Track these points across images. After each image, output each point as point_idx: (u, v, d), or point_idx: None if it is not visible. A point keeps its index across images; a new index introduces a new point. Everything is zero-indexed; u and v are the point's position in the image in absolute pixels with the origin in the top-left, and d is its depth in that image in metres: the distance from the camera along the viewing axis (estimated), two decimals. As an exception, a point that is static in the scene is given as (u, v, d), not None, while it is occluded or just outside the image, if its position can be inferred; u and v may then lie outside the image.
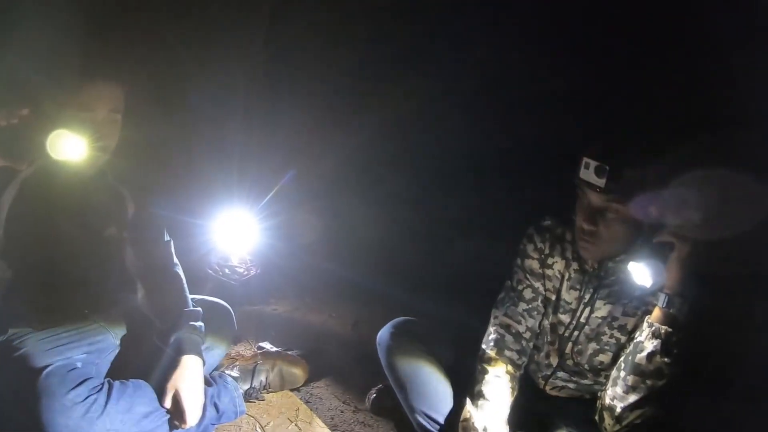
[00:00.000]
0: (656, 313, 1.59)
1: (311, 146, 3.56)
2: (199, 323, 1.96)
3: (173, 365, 1.83)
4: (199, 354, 1.89)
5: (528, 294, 1.93)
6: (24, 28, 1.93)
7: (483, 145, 3.49)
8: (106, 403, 1.68)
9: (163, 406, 1.78)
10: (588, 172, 1.61)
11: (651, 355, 1.56)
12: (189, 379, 1.82)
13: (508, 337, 1.89)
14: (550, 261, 1.90)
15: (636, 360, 1.59)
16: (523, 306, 1.92)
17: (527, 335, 1.91)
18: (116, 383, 1.75)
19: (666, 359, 1.55)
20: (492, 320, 1.96)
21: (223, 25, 3.32)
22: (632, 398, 1.59)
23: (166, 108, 3.20)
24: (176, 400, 1.78)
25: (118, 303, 2.05)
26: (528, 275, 1.94)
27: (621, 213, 1.63)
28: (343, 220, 3.56)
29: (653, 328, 1.58)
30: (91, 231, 1.90)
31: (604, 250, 1.72)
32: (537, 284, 1.93)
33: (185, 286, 2.07)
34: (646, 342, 1.58)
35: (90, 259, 1.92)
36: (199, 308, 2.01)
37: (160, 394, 1.78)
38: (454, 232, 3.66)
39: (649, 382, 1.57)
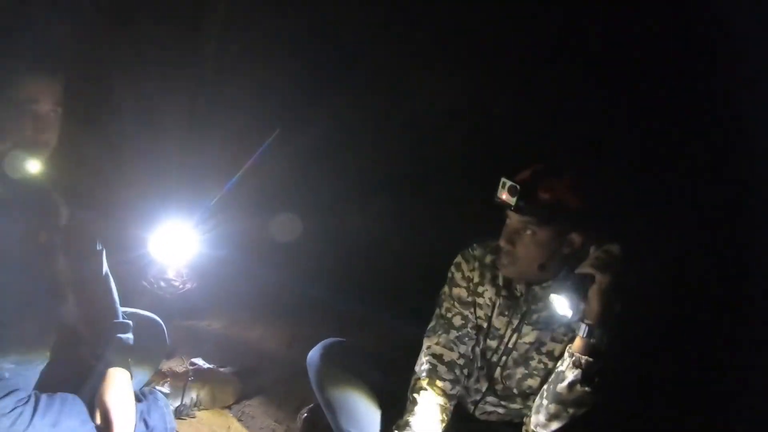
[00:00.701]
0: (577, 342, 1.63)
1: (250, 154, 3.53)
2: (128, 335, 1.92)
3: (100, 379, 1.79)
4: (127, 367, 1.86)
5: (458, 321, 1.94)
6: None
7: (456, 149, 3.56)
8: (33, 416, 1.63)
9: (93, 421, 1.74)
10: (503, 190, 1.68)
11: (572, 384, 1.60)
12: (117, 392, 1.78)
13: (441, 367, 1.88)
14: (480, 290, 1.92)
15: (557, 389, 1.63)
16: (454, 333, 1.92)
17: (461, 362, 1.90)
18: (43, 396, 1.70)
19: (587, 388, 1.59)
20: (424, 349, 1.95)
21: (164, 27, 3.30)
22: (554, 426, 1.64)
23: (104, 114, 3.16)
24: (105, 414, 1.75)
25: (47, 312, 2.00)
26: (456, 303, 1.95)
27: (538, 236, 1.69)
28: (282, 228, 3.54)
29: (574, 357, 1.62)
30: (23, 236, 1.85)
31: (521, 270, 1.77)
32: (466, 312, 1.94)
33: (116, 297, 2.02)
34: (567, 371, 1.62)
35: (20, 264, 1.87)
36: (129, 321, 1.97)
37: (90, 409, 1.75)
38: (392, 240, 3.69)
39: (570, 410, 1.61)
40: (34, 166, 1.60)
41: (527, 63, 3.29)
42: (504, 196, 1.67)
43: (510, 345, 1.87)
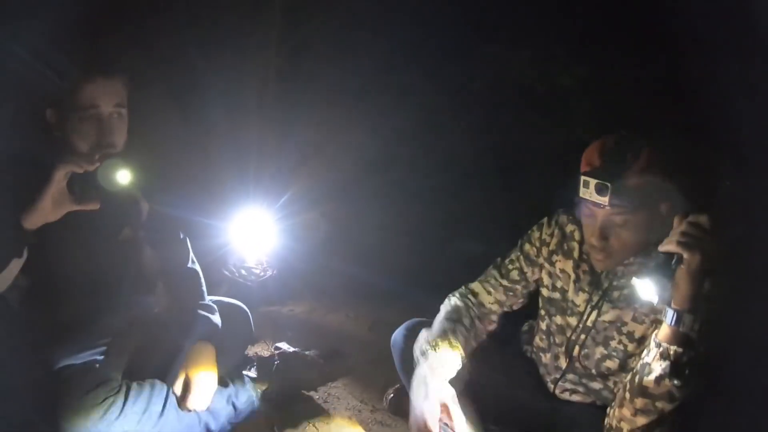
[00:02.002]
0: (664, 330, 1.45)
1: (327, 146, 3.55)
2: (214, 316, 1.96)
3: (185, 353, 1.85)
4: (211, 342, 1.90)
5: (515, 275, 1.92)
6: (24, 27, 1.94)
7: (503, 143, 3.48)
8: (124, 404, 1.69)
9: (173, 392, 1.78)
10: (588, 190, 1.53)
11: (659, 379, 1.43)
12: (199, 363, 1.83)
13: (470, 299, 1.95)
14: (554, 258, 1.85)
15: (644, 383, 1.46)
16: (504, 281, 1.93)
17: (488, 308, 1.94)
18: (133, 384, 1.76)
19: (676, 382, 1.41)
20: (475, 282, 2.00)
21: (236, 23, 3.33)
22: (641, 421, 1.47)
23: (181, 107, 3.22)
24: (185, 384, 1.79)
25: (135, 304, 2.06)
26: (522, 257, 1.92)
27: (631, 221, 1.56)
28: (359, 220, 3.55)
29: (661, 348, 1.44)
30: (107, 234, 1.91)
31: (619, 260, 1.65)
32: (527, 269, 1.91)
33: (202, 282, 2.07)
34: (653, 364, 1.45)
35: (106, 262, 1.93)
36: (214, 305, 2.02)
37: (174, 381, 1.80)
38: (472, 233, 3.64)
39: (659, 405, 1.44)
40: (111, 166, 1.63)
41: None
42: (591, 196, 1.52)
43: (589, 323, 1.76)
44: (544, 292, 1.91)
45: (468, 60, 3.59)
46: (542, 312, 1.94)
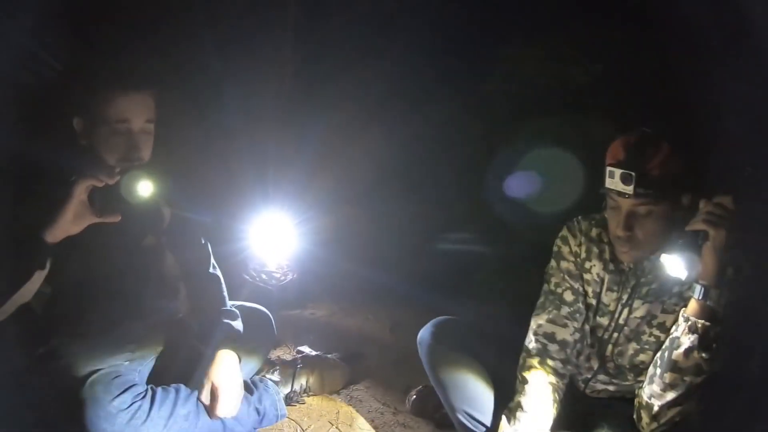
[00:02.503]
0: (692, 305, 1.53)
1: (346, 150, 3.56)
2: (236, 322, 1.98)
3: (209, 362, 1.86)
4: (235, 349, 1.91)
5: (569, 296, 1.85)
6: (56, 43, 1.96)
7: (519, 146, 3.46)
8: (150, 409, 1.70)
9: (200, 401, 1.80)
10: (614, 180, 1.58)
11: (688, 351, 1.51)
12: (224, 372, 1.84)
13: (552, 346, 1.81)
14: (587, 265, 1.83)
15: (673, 357, 1.54)
16: (565, 309, 1.84)
17: (572, 339, 1.81)
18: (159, 389, 1.77)
19: (704, 354, 1.49)
20: (533, 327, 1.87)
21: (253, 30, 3.35)
22: (670, 396, 1.54)
23: (200, 112, 3.24)
24: (213, 393, 1.80)
25: (158, 310, 2.07)
26: (567, 277, 1.87)
27: (654, 212, 1.59)
28: (377, 224, 3.55)
29: (689, 322, 1.52)
30: (129, 242, 1.92)
31: (644, 251, 1.67)
32: (577, 285, 1.86)
33: (223, 287, 2.09)
34: (682, 337, 1.53)
35: (129, 269, 1.94)
36: (236, 310, 2.03)
37: (199, 389, 1.81)
38: (492, 238, 3.63)
39: (687, 378, 1.52)
40: (133, 178, 1.64)
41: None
42: (617, 186, 1.58)
43: (621, 321, 1.77)
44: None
45: (485, 63, 3.58)
46: None
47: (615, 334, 1.79)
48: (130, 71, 1.78)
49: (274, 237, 3.13)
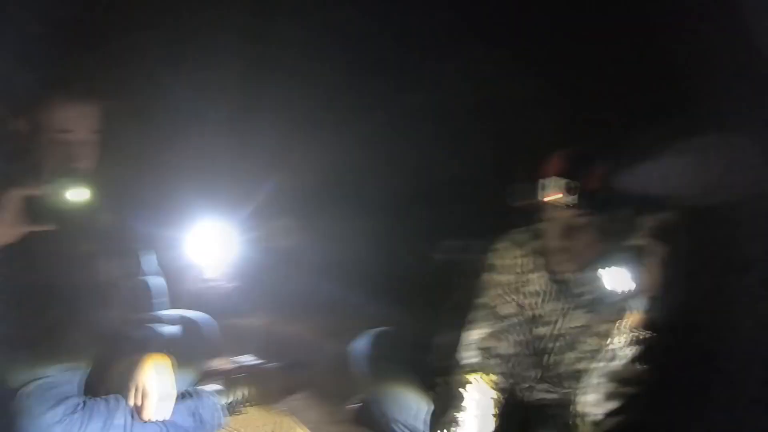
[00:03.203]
0: (632, 317, 1.56)
1: (290, 156, 3.54)
2: (165, 327, 1.97)
3: (138, 366, 1.81)
4: (161, 351, 1.87)
5: (507, 310, 1.87)
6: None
7: (464, 155, 3.50)
8: (82, 422, 1.66)
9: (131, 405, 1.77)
10: (555, 190, 1.61)
11: (628, 363, 1.54)
12: (150, 373, 1.80)
13: (492, 360, 1.83)
14: (531, 277, 1.85)
15: (612, 367, 1.56)
16: (503, 323, 1.86)
17: (511, 352, 1.84)
18: (92, 401, 1.74)
19: (644, 366, 1.52)
20: (469, 341, 1.88)
21: (197, 31, 3.31)
22: (609, 405, 1.56)
23: (139, 117, 3.19)
24: (142, 395, 1.77)
25: (95, 320, 2.03)
26: (505, 290, 1.88)
27: (594, 223, 1.62)
28: (321, 232, 3.54)
29: (629, 334, 1.55)
30: (65, 249, 1.88)
31: (581, 263, 1.70)
32: (515, 298, 1.87)
33: (152, 294, 2.06)
34: (622, 349, 1.56)
35: (66, 277, 1.90)
36: (163, 315, 2.03)
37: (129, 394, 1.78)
38: (436, 243, 3.66)
39: (626, 388, 1.54)
40: (67, 185, 1.60)
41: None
42: (558, 196, 1.60)
43: (559, 331, 1.80)
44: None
45: (440, 63, 3.61)
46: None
47: (553, 344, 1.81)
48: (75, 80, 1.75)
49: (216, 244, 3.09)
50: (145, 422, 1.78)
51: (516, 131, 3.13)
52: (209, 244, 3.07)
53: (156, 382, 1.80)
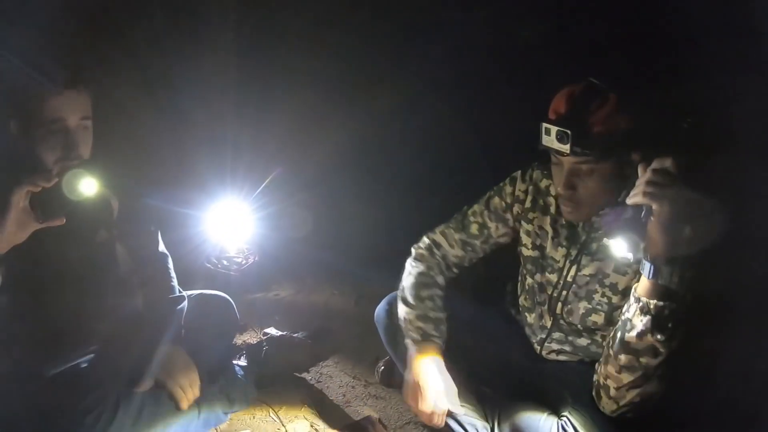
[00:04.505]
0: (643, 284, 1.40)
1: (305, 135, 3.52)
2: (181, 305, 1.98)
3: (165, 353, 1.84)
4: (183, 331, 1.92)
5: (474, 228, 1.92)
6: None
7: (473, 136, 3.45)
8: (116, 410, 1.70)
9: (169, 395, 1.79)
10: (550, 138, 1.51)
11: (642, 334, 1.39)
12: (179, 363, 1.83)
13: (436, 253, 1.97)
14: (530, 215, 1.82)
15: (626, 338, 1.43)
16: (463, 235, 1.94)
17: (454, 260, 1.96)
18: (123, 391, 1.76)
19: (659, 336, 1.38)
20: (437, 228, 2.01)
21: (210, 14, 3.29)
22: (627, 378, 1.45)
23: (153, 99, 3.18)
24: (171, 388, 1.80)
25: (119, 307, 2.05)
26: (486, 211, 1.91)
27: (597, 170, 1.53)
28: (337, 209, 3.54)
29: (641, 303, 1.40)
30: (81, 240, 1.88)
31: (589, 211, 1.62)
32: (491, 224, 1.91)
33: (172, 274, 2.07)
34: (634, 319, 1.41)
35: (85, 268, 1.91)
36: (183, 294, 2.02)
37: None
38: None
39: (643, 360, 1.41)
40: (72, 176, 1.60)
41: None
42: (552, 144, 1.50)
43: (569, 278, 1.74)
44: (524, 251, 1.89)
45: (440, 37, 3.55)
46: (524, 271, 1.92)
47: (564, 292, 1.76)
48: (63, 68, 1.73)
49: (233, 222, 3.10)
50: (180, 409, 1.81)
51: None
52: (226, 222, 3.08)
53: (181, 374, 1.82)
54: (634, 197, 1.35)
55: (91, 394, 1.68)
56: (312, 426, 2.06)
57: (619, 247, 1.46)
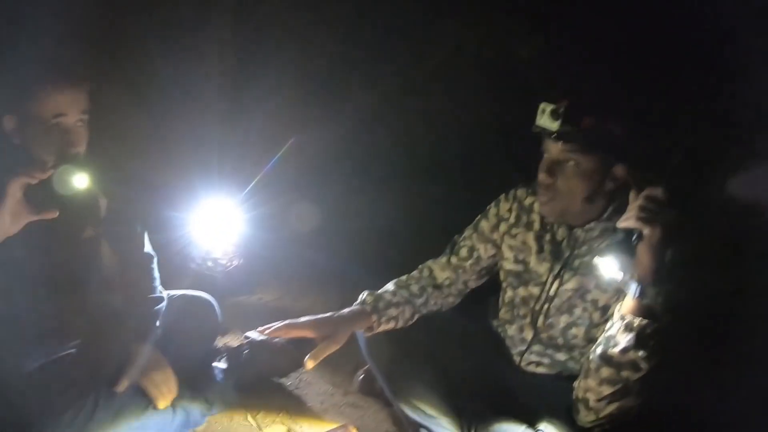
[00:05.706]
0: (628, 303, 1.48)
1: (293, 134, 3.53)
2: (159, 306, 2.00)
3: (135, 356, 1.85)
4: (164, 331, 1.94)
5: (464, 252, 1.99)
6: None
7: (472, 132, 3.47)
8: (95, 407, 1.69)
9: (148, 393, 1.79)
10: (543, 116, 1.57)
11: (625, 350, 1.46)
12: (148, 364, 1.83)
13: (424, 271, 2.06)
14: (513, 231, 1.88)
15: (609, 353, 1.49)
16: (453, 259, 2.01)
17: (446, 283, 2.02)
18: (103, 387, 1.76)
19: (641, 353, 1.45)
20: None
21: (194, 13, 3.29)
22: (606, 391, 1.50)
23: (139, 99, 3.18)
24: (148, 386, 1.80)
25: (102, 304, 2.04)
26: (475, 234, 1.99)
27: (581, 166, 1.59)
28: (326, 208, 3.54)
29: (626, 321, 1.47)
30: (69, 235, 1.89)
31: (563, 207, 1.67)
32: (479, 245, 1.97)
33: (155, 276, 2.09)
34: (618, 336, 1.48)
35: (71, 263, 1.92)
36: (163, 295, 2.04)
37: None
38: (440, 221, 3.64)
39: (624, 374, 1.47)
40: (66, 171, 1.61)
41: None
42: (545, 123, 1.56)
43: (552, 292, 1.79)
44: (506, 264, 1.93)
45: (428, 39, 3.57)
46: (504, 284, 1.96)
47: (546, 305, 1.80)
48: (62, 65, 1.75)
49: (218, 223, 3.09)
50: (157, 408, 1.81)
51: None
52: (212, 223, 3.07)
53: (156, 374, 1.82)
54: (627, 221, 1.44)
55: (69, 391, 1.68)
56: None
57: (606, 266, 1.53)
